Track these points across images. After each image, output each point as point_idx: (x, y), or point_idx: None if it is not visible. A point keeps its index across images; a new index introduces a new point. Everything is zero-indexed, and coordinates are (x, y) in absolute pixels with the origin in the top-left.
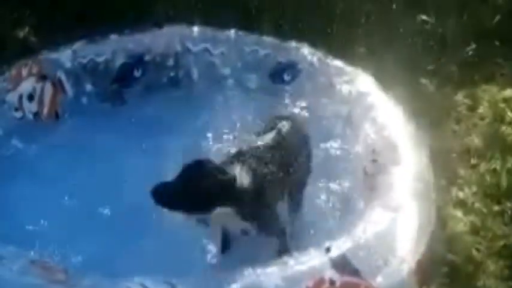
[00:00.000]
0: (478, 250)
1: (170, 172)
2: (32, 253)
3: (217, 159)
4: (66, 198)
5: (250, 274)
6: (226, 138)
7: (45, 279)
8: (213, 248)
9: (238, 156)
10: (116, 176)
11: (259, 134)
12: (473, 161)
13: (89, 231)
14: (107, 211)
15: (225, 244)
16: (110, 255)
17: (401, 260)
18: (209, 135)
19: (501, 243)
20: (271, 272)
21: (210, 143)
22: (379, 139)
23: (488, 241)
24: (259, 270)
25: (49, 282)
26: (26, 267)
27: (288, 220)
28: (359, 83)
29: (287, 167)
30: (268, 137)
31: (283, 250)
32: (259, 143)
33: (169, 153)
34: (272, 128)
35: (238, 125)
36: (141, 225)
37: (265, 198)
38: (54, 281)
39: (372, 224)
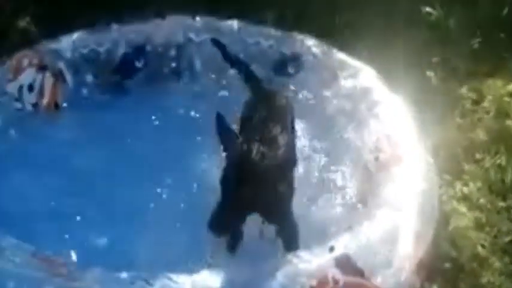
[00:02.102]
0: (482, 246)
1: (171, 162)
2: (33, 246)
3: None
4: (65, 189)
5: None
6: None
7: (46, 272)
8: (219, 246)
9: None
10: (116, 167)
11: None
12: (478, 156)
13: (90, 224)
14: (108, 203)
15: (235, 243)
16: (113, 249)
17: (404, 258)
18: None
19: (506, 239)
20: (276, 270)
21: (212, 135)
22: (382, 136)
23: (493, 237)
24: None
25: (50, 276)
26: (27, 260)
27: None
28: (363, 77)
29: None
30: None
31: (293, 249)
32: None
33: (170, 144)
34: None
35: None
36: (145, 218)
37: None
38: (55, 275)
39: (374, 222)
